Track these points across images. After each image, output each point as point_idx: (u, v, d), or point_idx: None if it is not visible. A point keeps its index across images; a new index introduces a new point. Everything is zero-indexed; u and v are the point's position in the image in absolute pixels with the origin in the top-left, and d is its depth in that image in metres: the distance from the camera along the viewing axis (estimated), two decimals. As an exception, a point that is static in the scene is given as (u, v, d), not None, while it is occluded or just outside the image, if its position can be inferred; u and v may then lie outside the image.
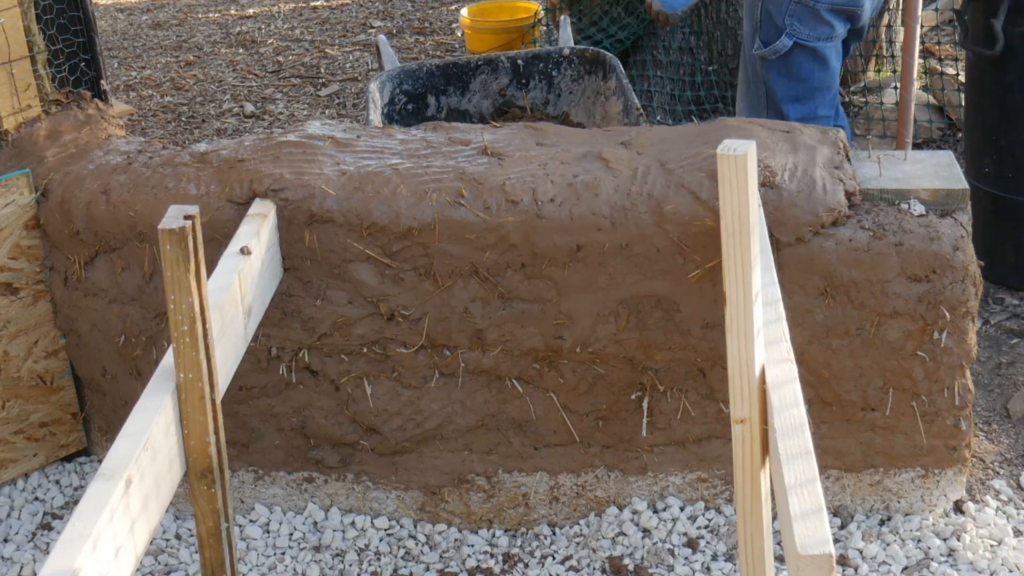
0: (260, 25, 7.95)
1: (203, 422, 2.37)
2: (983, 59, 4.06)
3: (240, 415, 3.27)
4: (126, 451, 2.18)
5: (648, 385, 3.14)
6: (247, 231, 2.93)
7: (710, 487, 3.28)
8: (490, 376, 3.17)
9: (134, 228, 3.17)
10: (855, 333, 3.06)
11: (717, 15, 5.36)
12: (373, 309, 3.11)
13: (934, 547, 3.13)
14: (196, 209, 2.28)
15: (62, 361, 3.52)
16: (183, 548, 3.30)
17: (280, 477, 3.37)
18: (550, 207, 3.00)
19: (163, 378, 2.37)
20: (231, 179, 3.11)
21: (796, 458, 2.13)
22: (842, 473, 3.23)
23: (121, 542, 2.09)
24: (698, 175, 2.99)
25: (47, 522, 3.44)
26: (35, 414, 3.52)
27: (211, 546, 2.47)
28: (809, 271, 3.01)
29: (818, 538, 1.91)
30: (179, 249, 2.24)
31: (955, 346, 3.07)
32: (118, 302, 3.28)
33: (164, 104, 6.57)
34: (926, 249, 2.98)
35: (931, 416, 3.14)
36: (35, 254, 3.41)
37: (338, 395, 3.22)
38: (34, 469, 3.57)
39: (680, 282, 3.02)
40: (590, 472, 3.27)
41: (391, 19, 7.86)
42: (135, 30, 8.07)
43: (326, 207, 3.04)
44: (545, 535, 3.29)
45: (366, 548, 3.28)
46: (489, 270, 3.05)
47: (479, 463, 3.27)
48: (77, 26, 3.62)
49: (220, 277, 2.71)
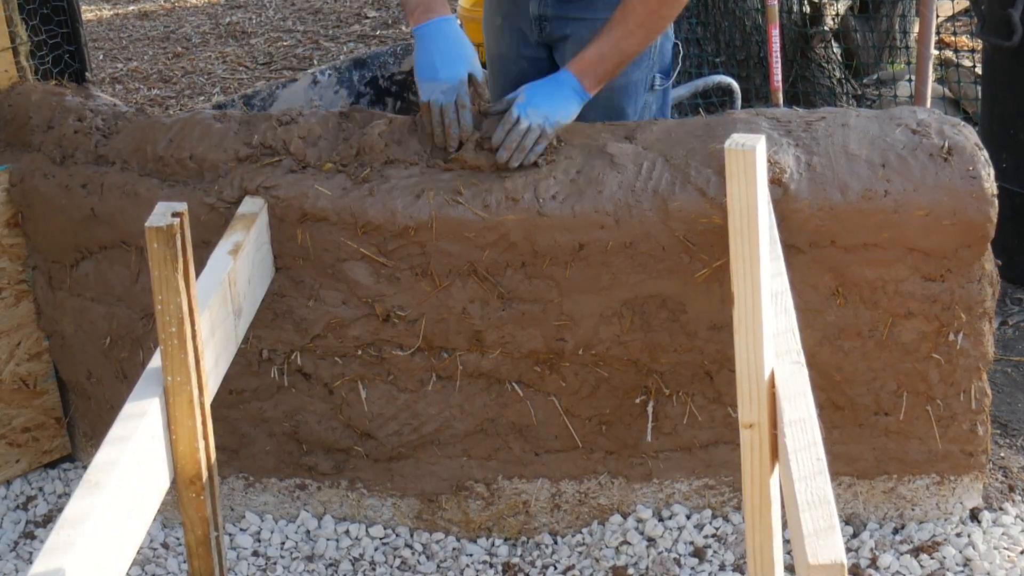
0: (251, 15, 7.90)
1: (191, 427, 2.34)
2: (1000, 51, 4.07)
3: (230, 420, 3.23)
4: (111, 457, 2.16)
5: (653, 388, 3.11)
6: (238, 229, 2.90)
7: (717, 494, 3.24)
8: (489, 379, 3.14)
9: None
10: (868, 334, 3.01)
11: (724, 5, 5.36)
12: (368, 310, 3.07)
13: (949, 556, 3.09)
14: (184, 206, 2.24)
15: (45, 364, 3.49)
16: (171, 558, 3.27)
17: (271, 484, 3.34)
18: (552, 204, 2.94)
19: (150, 381, 2.34)
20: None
21: (809, 476, 2.09)
22: (854, 480, 3.20)
23: (106, 552, 2.06)
24: (705, 171, 2.95)
25: (30, 531, 3.42)
26: (17, 419, 3.49)
27: (200, 556, 2.45)
28: (820, 270, 2.96)
29: (830, 547, 1.87)
30: (167, 247, 2.21)
31: (971, 348, 3.03)
32: (103, 302, 3.26)
33: (151, 97, 6.52)
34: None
35: (946, 420, 3.10)
36: (17, 253, 3.39)
37: (332, 399, 3.19)
38: (17, 476, 3.55)
39: (686, 281, 2.98)
40: (593, 479, 3.23)
41: (386, 8, 7.82)
42: (121, 20, 8.01)
43: (319, 205, 2.99)
44: (546, 544, 3.26)
45: (360, 558, 3.25)
46: (488, 269, 3.01)
47: (478, 469, 3.23)
48: (61, 16, 3.58)
49: (209, 276, 2.68)
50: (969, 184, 2.90)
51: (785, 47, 5.24)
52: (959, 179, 2.90)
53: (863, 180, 2.91)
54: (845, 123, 3.03)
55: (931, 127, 2.99)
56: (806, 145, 2.99)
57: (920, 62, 4.11)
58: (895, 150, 2.94)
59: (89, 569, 1.98)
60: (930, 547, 3.12)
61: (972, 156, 2.93)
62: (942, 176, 2.90)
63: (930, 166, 2.91)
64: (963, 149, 2.94)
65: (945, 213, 2.90)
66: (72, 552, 1.94)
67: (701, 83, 4.28)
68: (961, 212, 2.90)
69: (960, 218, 2.90)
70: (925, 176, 2.90)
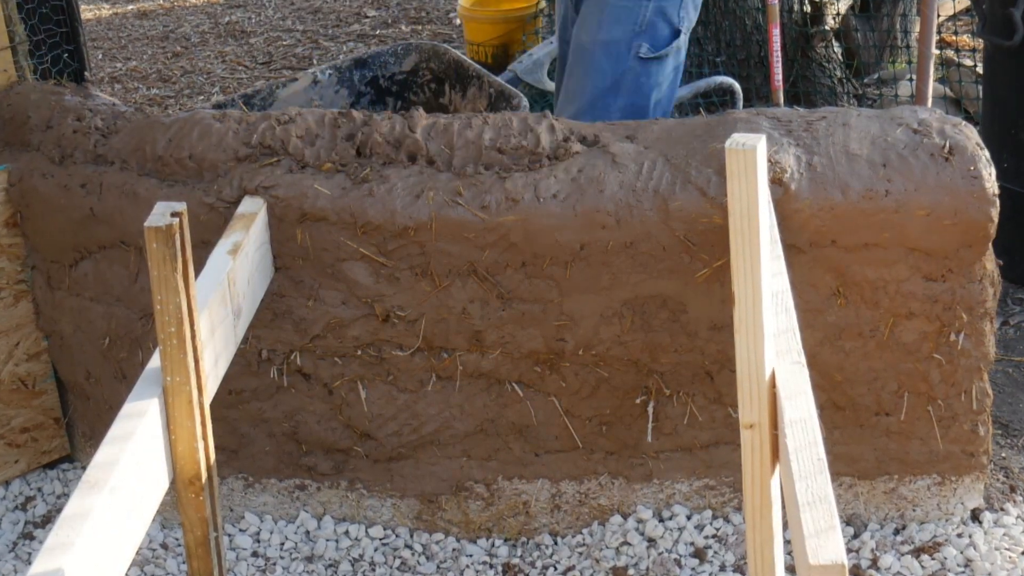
0: (250, 15, 7.88)
1: (191, 427, 2.33)
2: (1001, 50, 4.05)
3: (229, 420, 3.22)
4: (110, 458, 2.15)
5: (653, 389, 3.09)
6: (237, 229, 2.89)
7: (718, 495, 3.23)
8: (489, 379, 3.12)
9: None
10: (869, 334, 3.00)
11: (725, 5, 5.35)
12: (368, 310, 3.06)
13: (950, 557, 3.07)
14: (183, 206, 2.23)
15: (44, 364, 3.48)
16: (170, 558, 3.26)
17: (271, 484, 3.32)
18: (552, 204, 2.93)
19: (149, 381, 2.33)
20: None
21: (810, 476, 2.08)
22: (855, 480, 3.18)
23: (105, 552, 2.05)
24: (706, 170, 2.94)
25: (29, 531, 3.40)
26: (16, 419, 3.47)
27: (199, 556, 2.44)
28: (821, 270, 2.95)
29: (831, 548, 1.87)
30: (166, 247, 2.20)
31: (972, 348, 3.02)
32: (102, 302, 3.25)
33: (150, 97, 6.50)
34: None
35: (948, 421, 3.09)
36: (16, 253, 3.38)
37: (331, 399, 3.18)
38: (15, 476, 3.53)
39: (687, 281, 2.97)
40: (593, 479, 3.22)
41: (386, 8, 7.79)
42: (120, 20, 7.98)
43: (318, 205, 2.98)
44: (546, 545, 3.25)
45: (360, 558, 3.24)
46: (488, 269, 3.00)
47: (478, 470, 3.22)
48: (59, 15, 3.56)
49: (209, 276, 2.67)
50: (970, 184, 2.89)
51: (786, 46, 5.22)
52: (960, 179, 2.89)
53: (864, 180, 2.90)
54: (846, 123, 3.02)
55: (932, 127, 2.98)
56: (807, 145, 2.97)
57: (921, 61, 4.09)
58: (896, 150, 2.93)
59: (88, 569, 1.97)
60: (931, 548, 3.11)
61: (973, 156, 2.92)
62: (943, 176, 2.90)
63: (931, 166, 2.90)
64: (964, 149, 2.93)
65: (946, 213, 2.89)
66: (71, 552, 1.93)
67: (703, 84, 4.27)
68: (962, 212, 2.89)
69: (961, 218, 2.89)
70: (926, 176, 2.90)
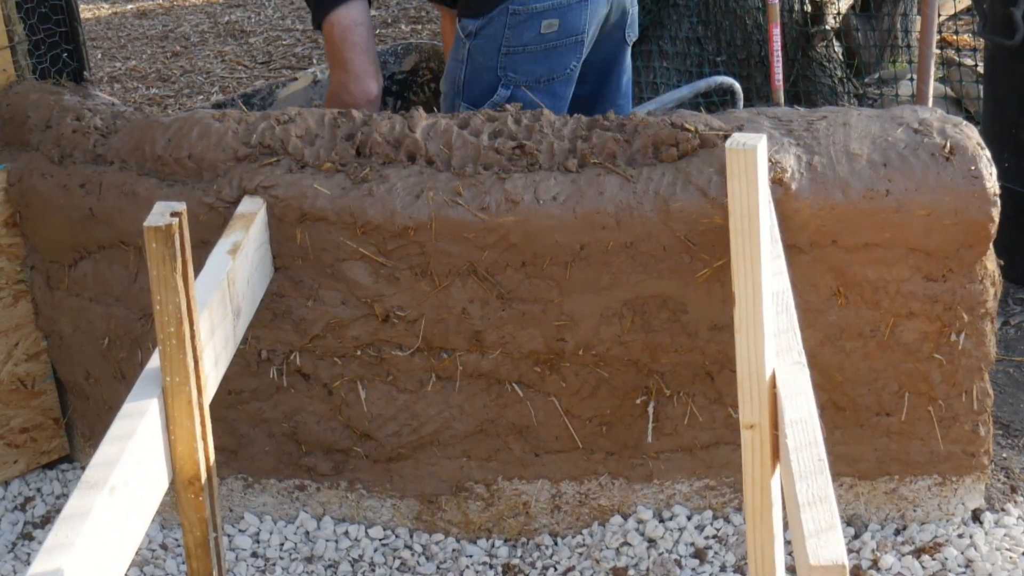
0: (249, 14, 7.88)
1: (190, 427, 2.32)
2: (1002, 49, 4.05)
3: (229, 420, 3.21)
4: (110, 458, 2.14)
5: (654, 389, 3.09)
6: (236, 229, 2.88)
7: (718, 495, 3.22)
8: (489, 380, 3.11)
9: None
10: (869, 334, 3.00)
11: (725, 4, 5.35)
12: (367, 310, 3.05)
13: (951, 557, 3.06)
14: (183, 206, 2.23)
15: (44, 364, 3.48)
16: (170, 559, 3.25)
17: (271, 485, 3.31)
18: (552, 205, 2.92)
19: (148, 382, 2.32)
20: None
21: (810, 476, 2.08)
22: (856, 481, 3.18)
23: (105, 552, 2.05)
24: (706, 170, 2.93)
25: (28, 532, 3.40)
26: (16, 419, 3.47)
27: (199, 557, 2.43)
28: (821, 270, 2.95)
29: (831, 548, 1.87)
30: (165, 247, 2.19)
31: (973, 348, 3.02)
32: (102, 302, 3.24)
33: (150, 96, 6.50)
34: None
35: (948, 421, 3.08)
36: (15, 252, 3.38)
37: (331, 399, 3.17)
38: (15, 476, 3.53)
39: (687, 282, 2.96)
40: (593, 480, 3.21)
41: (385, 7, 7.79)
42: (119, 19, 7.98)
43: (318, 205, 2.97)
44: (546, 545, 3.24)
45: (360, 559, 3.23)
46: (488, 269, 2.99)
47: (478, 470, 3.21)
48: (59, 15, 3.56)
49: (208, 276, 2.66)
50: (971, 184, 2.89)
51: (786, 46, 5.23)
52: (961, 179, 2.89)
53: (864, 179, 2.89)
54: (846, 122, 3.02)
55: (933, 126, 2.97)
56: (807, 144, 2.97)
57: (922, 61, 4.09)
58: (896, 149, 2.93)
59: (87, 569, 1.97)
60: (932, 548, 3.10)
61: (974, 155, 2.91)
62: (944, 176, 2.89)
63: (932, 166, 2.90)
64: (965, 148, 2.92)
65: (947, 213, 2.88)
66: (70, 552, 1.93)
67: (703, 84, 4.27)
68: (963, 212, 2.88)
69: (962, 218, 2.89)
70: (927, 176, 2.89)
